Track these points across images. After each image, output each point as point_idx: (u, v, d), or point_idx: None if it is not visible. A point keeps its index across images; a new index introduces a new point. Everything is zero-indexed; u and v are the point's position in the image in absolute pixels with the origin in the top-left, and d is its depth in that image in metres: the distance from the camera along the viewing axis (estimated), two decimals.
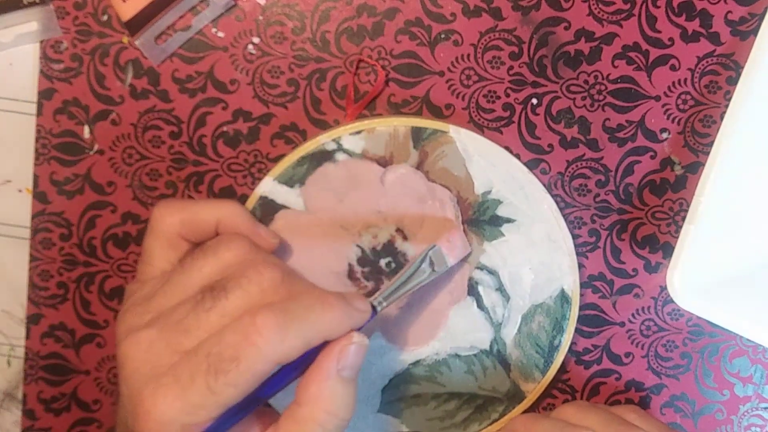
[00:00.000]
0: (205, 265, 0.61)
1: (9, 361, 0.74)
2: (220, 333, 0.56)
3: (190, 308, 0.58)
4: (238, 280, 0.58)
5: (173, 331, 0.57)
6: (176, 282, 0.60)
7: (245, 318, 0.55)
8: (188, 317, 0.57)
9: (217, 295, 0.57)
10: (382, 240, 0.71)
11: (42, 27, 0.70)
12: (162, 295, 0.60)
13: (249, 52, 0.71)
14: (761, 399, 0.75)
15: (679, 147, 0.72)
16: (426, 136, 0.69)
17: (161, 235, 0.64)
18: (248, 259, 0.60)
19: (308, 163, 0.69)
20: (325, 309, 0.58)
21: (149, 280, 0.63)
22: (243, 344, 0.55)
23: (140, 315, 0.59)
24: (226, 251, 0.61)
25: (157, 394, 0.55)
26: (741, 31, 0.70)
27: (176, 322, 0.57)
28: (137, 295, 0.62)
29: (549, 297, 0.71)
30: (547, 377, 0.72)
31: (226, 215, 0.65)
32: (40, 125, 0.71)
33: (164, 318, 0.58)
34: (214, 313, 0.57)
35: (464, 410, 0.73)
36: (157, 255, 0.64)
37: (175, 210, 0.64)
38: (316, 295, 0.59)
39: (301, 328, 0.56)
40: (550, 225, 0.70)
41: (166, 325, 0.58)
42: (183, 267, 0.61)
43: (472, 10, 0.70)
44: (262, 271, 0.59)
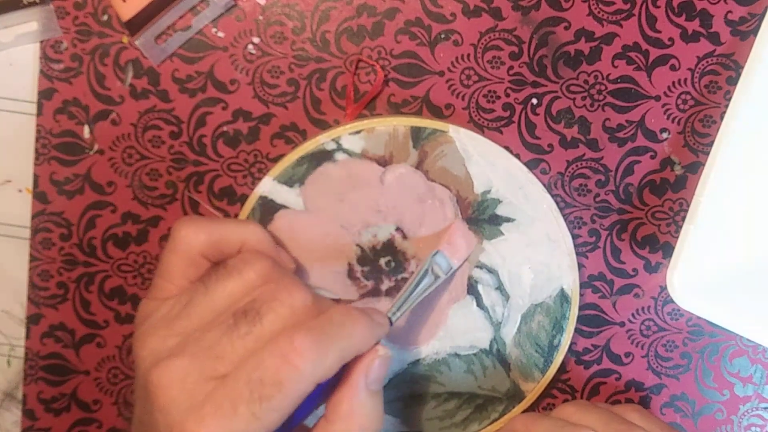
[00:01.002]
0: (230, 286, 0.60)
1: (9, 361, 0.74)
2: (258, 357, 0.55)
3: (222, 333, 0.57)
4: (270, 304, 0.57)
5: (206, 358, 0.56)
6: (200, 303, 0.60)
7: (282, 340, 0.55)
8: (221, 343, 0.57)
9: (252, 320, 0.57)
10: (381, 239, 0.71)
11: (42, 27, 0.70)
12: (186, 318, 0.59)
13: (249, 52, 0.71)
14: (761, 399, 0.75)
15: (679, 147, 0.72)
16: (425, 136, 0.69)
17: (184, 254, 0.63)
18: (273, 279, 0.60)
19: (308, 162, 0.69)
20: (355, 325, 0.58)
21: (168, 299, 0.62)
22: (284, 367, 0.54)
23: (164, 339, 0.59)
24: (251, 271, 0.60)
25: (201, 424, 0.54)
26: (741, 31, 0.70)
27: (208, 348, 0.57)
28: (156, 315, 0.61)
29: (549, 296, 0.71)
30: (546, 377, 0.72)
31: (250, 237, 0.64)
32: (40, 125, 0.71)
33: (194, 343, 0.57)
34: (250, 339, 0.56)
35: (464, 410, 0.73)
36: (178, 273, 0.63)
37: (201, 229, 0.63)
38: (344, 311, 0.59)
39: (337, 346, 0.56)
40: (550, 224, 0.70)
41: (197, 351, 0.57)
42: (207, 288, 0.60)
43: (472, 10, 0.70)
44: (293, 293, 0.58)
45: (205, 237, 0.63)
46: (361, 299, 0.71)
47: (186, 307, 0.60)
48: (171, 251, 0.63)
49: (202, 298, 0.60)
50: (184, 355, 0.57)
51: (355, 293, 0.71)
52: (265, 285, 0.59)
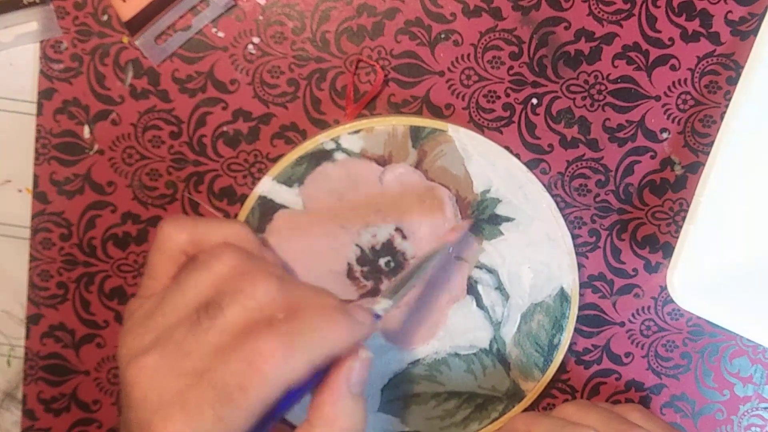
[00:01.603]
0: (199, 280, 0.59)
1: (9, 361, 0.74)
2: (223, 358, 0.55)
3: (188, 328, 0.57)
4: (233, 296, 0.57)
5: (175, 355, 0.56)
6: (172, 300, 0.59)
7: (248, 343, 0.55)
8: (187, 339, 0.56)
9: (213, 313, 0.56)
10: (381, 239, 0.71)
11: (42, 27, 0.70)
12: (160, 314, 0.59)
13: (249, 52, 0.71)
14: (761, 399, 0.75)
15: (679, 147, 0.72)
16: (425, 135, 0.69)
17: (167, 252, 0.63)
18: (243, 271, 0.59)
19: (307, 162, 0.69)
20: (330, 327, 0.57)
21: (150, 296, 0.62)
22: (248, 372, 0.54)
23: (140, 336, 0.59)
24: (218, 263, 0.59)
25: (167, 422, 0.54)
26: (741, 31, 0.70)
27: (176, 344, 0.56)
28: (137, 313, 0.61)
29: (548, 296, 0.71)
30: (546, 376, 0.72)
31: (233, 236, 0.64)
32: (40, 125, 0.71)
33: (164, 340, 0.57)
34: (212, 333, 0.56)
35: (464, 409, 0.73)
36: (161, 271, 0.63)
37: (183, 228, 0.63)
38: (319, 312, 0.58)
39: (306, 350, 0.55)
40: (549, 224, 0.70)
41: (166, 347, 0.57)
42: (178, 283, 0.60)
43: (472, 10, 0.70)
44: (257, 283, 0.57)
45: (186, 235, 0.63)
46: (360, 299, 0.71)
47: (161, 303, 0.60)
48: (155, 250, 0.64)
49: (174, 294, 0.60)
50: (154, 352, 0.57)
51: (354, 293, 0.71)
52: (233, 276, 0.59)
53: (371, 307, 0.62)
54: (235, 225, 0.65)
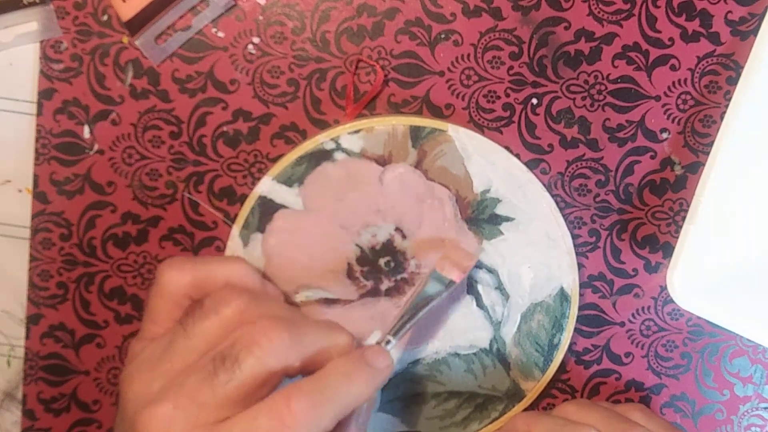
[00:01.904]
0: (207, 326, 0.60)
1: (9, 361, 0.75)
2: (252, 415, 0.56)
3: (202, 379, 0.57)
4: (249, 349, 0.57)
5: (190, 406, 0.56)
6: (181, 347, 0.60)
7: (279, 401, 0.55)
8: (203, 390, 0.56)
9: (230, 367, 0.56)
10: (381, 239, 0.71)
11: (42, 27, 0.70)
12: (168, 360, 0.59)
13: (249, 52, 0.71)
14: (761, 399, 0.75)
15: (679, 147, 0.72)
16: (425, 135, 0.69)
17: (169, 297, 0.63)
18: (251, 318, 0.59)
19: (307, 162, 0.69)
20: (353, 382, 0.58)
21: (153, 339, 0.62)
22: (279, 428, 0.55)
23: (148, 382, 0.59)
24: (227, 309, 0.60)
25: None
26: (741, 31, 0.70)
27: (190, 395, 0.57)
28: (142, 356, 0.61)
29: (548, 295, 0.71)
30: (546, 376, 0.72)
31: (235, 275, 0.64)
32: (40, 125, 0.71)
33: (177, 389, 0.57)
34: (231, 387, 0.56)
35: (464, 409, 0.73)
36: (164, 315, 0.63)
37: (185, 271, 0.63)
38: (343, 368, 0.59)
39: (333, 408, 0.57)
40: (549, 223, 0.70)
41: (180, 398, 0.57)
42: (185, 330, 0.60)
43: (472, 10, 0.70)
44: (270, 335, 0.57)
45: (189, 279, 0.63)
46: (360, 299, 0.71)
47: (168, 349, 0.60)
48: (156, 294, 0.63)
49: (182, 340, 0.60)
50: (167, 401, 0.57)
51: (354, 293, 0.71)
52: (243, 325, 0.59)
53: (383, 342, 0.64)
54: (236, 263, 0.65)
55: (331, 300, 0.71)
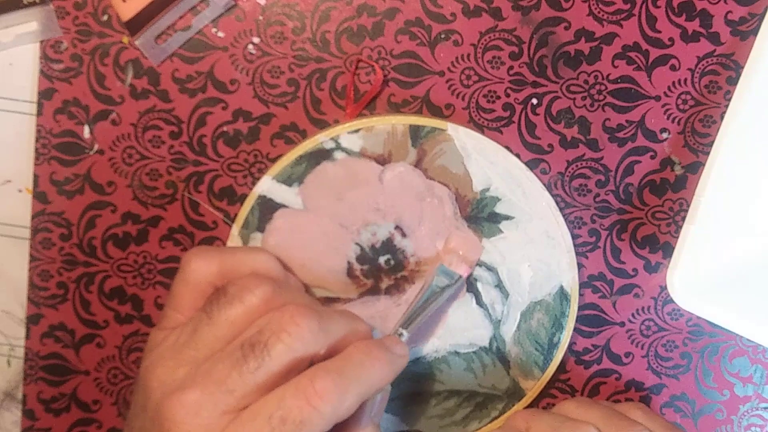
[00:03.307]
0: (233, 313, 0.60)
1: (9, 361, 0.75)
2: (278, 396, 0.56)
3: (231, 366, 0.57)
4: (278, 336, 0.57)
5: (218, 392, 0.56)
6: (206, 332, 0.60)
7: (305, 381, 0.56)
8: (232, 376, 0.57)
9: (260, 354, 0.57)
10: (381, 238, 0.71)
11: (42, 27, 0.70)
12: (194, 347, 0.59)
13: (249, 52, 0.71)
14: (761, 399, 0.75)
15: (679, 147, 0.72)
16: (424, 134, 0.69)
17: (194, 285, 0.63)
18: (276, 305, 0.60)
19: (307, 161, 0.69)
20: (374, 364, 0.59)
21: (174, 328, 0.62)
22: (306, 408, 0.55)
23: (172, 369, 0.59)
24: (252, 297, 0.60)
25: None
26: (741, 31, 0.70)
27: (219, 381, 0.57)
28: (164, 345, 0.61)
29: (548, 294, 0.71)
30: (546, 374, 0.72)
31: (260, 266, 0.64)
32: (40, 125, 0.71)
33: (204, 375, 0.57)
34: (260, 374, 0.56)
35: (464, 408, 0.73)
36: (187, 303, 0.63)
37: (212, 260, 0.63)
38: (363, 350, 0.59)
39: (357, 388, 0.57)
40: (549, 222, 0.70)
41: (208, 384, 0.57)
42: (210, 317, 0.60)
43: (472, 10, 0.70)
44: (299, 321, 0.58)
45: (216, 268, 0.63)
46: (361, 298, 0.71)
47: (192, 336, 0.60)
48: (181, 282, 0.64)
49: (207, 327, 0.60)
50: (195, 388, 0.57)
51: (354, 292, 0.71)
52: (269, 312, 0.59)
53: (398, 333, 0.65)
54: (262, 254, 0.66)
55: (331, 299, 0.71)
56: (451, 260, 0.69)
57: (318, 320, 0.58)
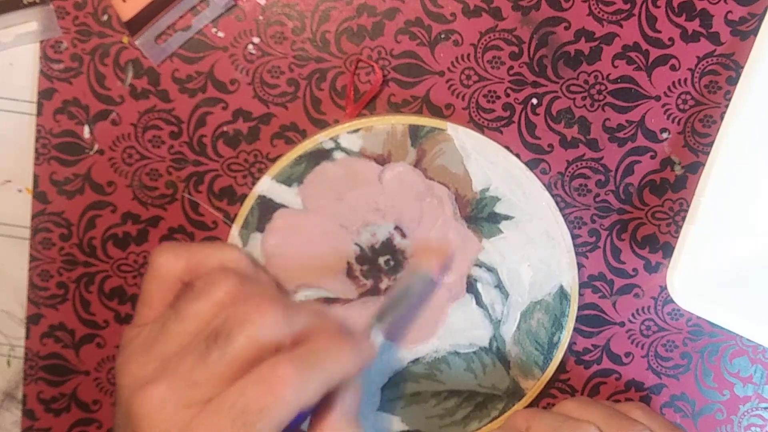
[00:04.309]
0: (199, 308, 0.59)
1: (9, 361, 0.75)
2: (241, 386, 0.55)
3: (196, 359, 0.56)
4: (241, 325, 0.57)
5: (183, 387, 0.56)
6: (173, 329, 0.59)
7: (266, 369, 0.55)
8: (196, 369, 0.56)
9: (223, 344, 0.56)
10: (380, 238, 0.71)
11: (42, 27, 0.70)
12: (162, 343, 0.59)
13: (249, 52, 0.71)
14: (761, 399, 0.75)
15: (679, 147, 0.72)
16: (424, 134, 0.69)
17: (163, 280, 0.63)
18: (242, 298, 0.59)
19: (306, 161, 0.69)
20: (339, 352, 0.58)
21: (146, 324, 0.62)
22: (269, 396, 0.54)
23: (143, 365, 0.58)
24: (217, 290, 0.59)
25: None
26: (741, 31, 0.70)
27: (184, 375, 0.56)
28: (136, 342, 0.61)
29: (548, 294, 0.71)
30: (546, 374, 0.72)
31: (228, 260, 0.63)
32: (40, 125, 0.71)
33: (171, 370, 0.57)
34: (223, 364, 0.56)
35: (464, 408, 0.73)
36: (157, 299, 0.63)
37: (179, 255, 0.63)
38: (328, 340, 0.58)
39: (321, 375, 0.56)
40: (549, 222, 0.70)
41: (174, 378, 0.56)
42: (177, 312, 0.60)
43: (472, 10, 0.70)
44: (263, 311, 0.57)
45: (183, 263, 0.62)
46: (360, 298, 0.71)
47: (161, 331, 0.60)
48: (150, 278, 0.63)
49: (175, 323, 0.59)
50: (161, 382, 0.56)
51: (354, 292, 0.71)
52: (235, 305, 0.58)
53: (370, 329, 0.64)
54: (230, 249, 0.65)
55: (330, 299, 0.71)
56: (420, 262, 0.69)
57: (283, 311, 0.58)
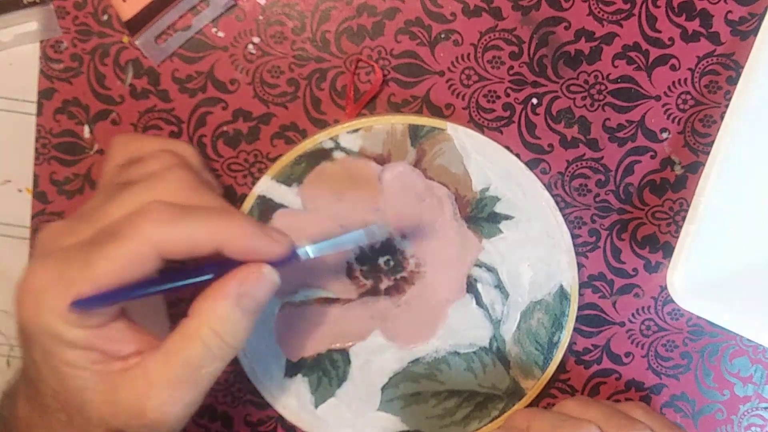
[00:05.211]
0: (131, 172, 0.60)
1: (9, 361, 0.74)
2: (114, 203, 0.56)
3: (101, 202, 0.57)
4: (148, 179, 0.58)
5: (79, 220, 0.57)
6: (101, 188, 0.61)
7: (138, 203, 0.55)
8: (95, 209, 0.57)
9: (123, 187, 0.57)
10: (380, 238, 0.71)
11: (42, 27, 0.70)
12: (89, 202, 0.60)
13: (249, 52, 0.71)
14: (761, 399, 0.75)
15: (679, 147, 0.72)
16: (423, 134, 0.69)
17: (113, 161, 0.64)
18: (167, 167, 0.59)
19: (306, 161, 0.69)
20: (227, 216, 0.57)
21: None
22: (127, 222, 0.54)
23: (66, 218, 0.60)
24: (153, 160, 0.60)
25: (40, 266, 0.55)
26: (741, 31, 0.70)
27: (86, 213, 0.57)
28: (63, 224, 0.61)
29: (548, 294, 0.71)
30: (546, 374, 0.72)
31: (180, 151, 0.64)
32: (40, 125, 0.71)
33: (80, 213, 0.58)
34: (115, 203, 0.56)
35: (464, 408, 0.73)
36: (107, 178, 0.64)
37: (131, 139, 0.65)
38: (223, 206, 0.58)
39: (190, 224, 0.55)
40: (548, 222, 0.70)
41: (75, 216, 0.58)
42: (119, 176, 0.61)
43: (472, 9, 0.70)
44: (175, 171, 0.58)
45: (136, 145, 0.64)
46: (360, 298, 0.71)
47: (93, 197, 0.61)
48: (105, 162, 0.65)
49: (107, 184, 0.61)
50: (63, 220, 0.58)
51: (354, 292, 0.71)
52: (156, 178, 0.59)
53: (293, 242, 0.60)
54: (183, 143, 0.66)
55: (330, 299, 0.71)
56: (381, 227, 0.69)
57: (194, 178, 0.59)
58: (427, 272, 0.71)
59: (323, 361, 0.73)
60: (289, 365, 0.73)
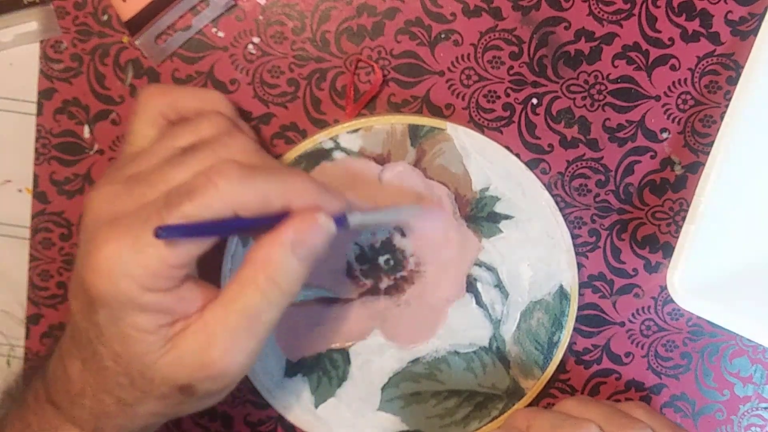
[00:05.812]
0: (183, 134, 0.60)
1: (9, 361, 0.74)
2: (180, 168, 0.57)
3: (159, 164, 0.58)
4: (210, 144, 0.58)
5: (138, 184, 0.57)
6: (150, 149, 0.60)
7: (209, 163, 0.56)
8: (154, 172, 0.57)
9: (186, 153, 0.58)
10: (380, 237, 0.71)
11: (42, 27, 0.70)
12: (136, 163, 0.60)
13: (249, 52, 0.71)
14: (761, 399, 0.75)
15: (679, 147, 0.72)
16: (423, 134, 0.69)
17: (144, 115, 0.64)
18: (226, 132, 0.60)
19: (306, 161, 0.69)
20: (293, 175, 0.58)
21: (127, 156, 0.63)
22: (202, 180, 0.55)
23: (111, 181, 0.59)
24: (206, 123, 0.61)
25: (111, 233, 0.55)
26: (741, 31, 0.70)
27: (143, 176, 0.58)
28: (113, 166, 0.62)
29: (548, 293, 0.71)
30: (546, 374, 0.72)
31: (213, 102, 0.65)
32: (40, 125, 0.71)
33: (134, 177, 0.58)
34: (180, 169, 0.57)
35: (464, 408, 0.73)
36: (140, 134, 0.64)
37: (163, 92, 0.64)
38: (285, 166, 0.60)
39: (263, 183, 0.56)
40: (548, 221, 0.70)
41: (132, 179, 0.58)
42: (161, 137, 0.61)
43: (472, 9, 0.70)
44: (237, 137, 0.59)
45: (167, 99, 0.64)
46: (360, 298, 0.71)
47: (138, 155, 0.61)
48: (134, 115, 0.64)
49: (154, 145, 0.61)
50: (118, 183, 0.58)
51: (353, 292, 0.71)
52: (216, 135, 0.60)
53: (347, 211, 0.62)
54: (215, 93, 0.66)
55: (330, 299, 0.71)
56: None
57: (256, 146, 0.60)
58: (426, 272, 0.71)
59: (323, 360, 0.73)
60: (289, 365, 0.73)
